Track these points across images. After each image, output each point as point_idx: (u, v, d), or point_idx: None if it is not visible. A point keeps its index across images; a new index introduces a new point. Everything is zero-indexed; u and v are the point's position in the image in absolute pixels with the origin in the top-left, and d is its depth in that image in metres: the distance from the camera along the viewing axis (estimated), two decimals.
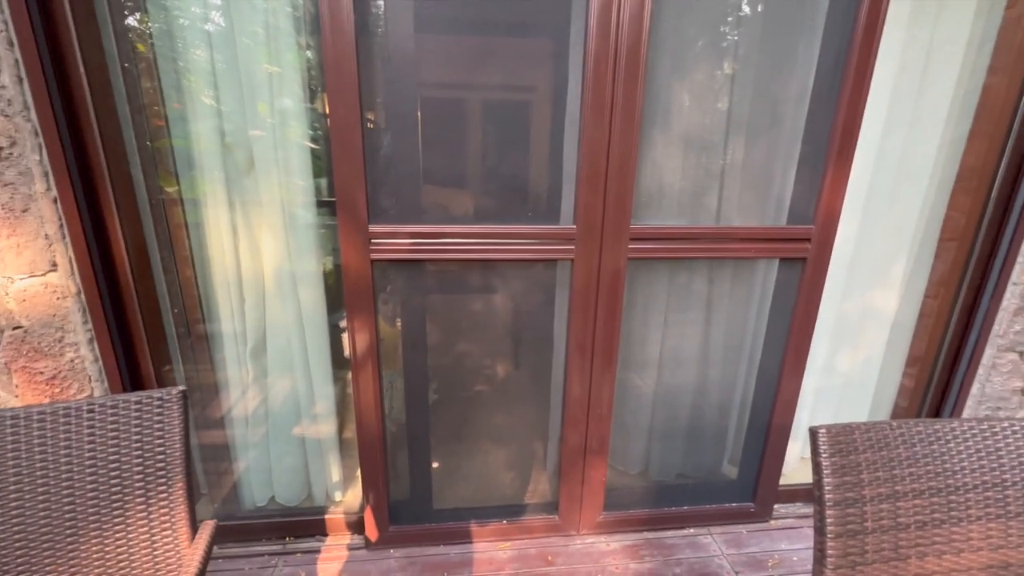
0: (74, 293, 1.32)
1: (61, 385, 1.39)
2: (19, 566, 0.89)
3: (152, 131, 1.44)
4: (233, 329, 1.60)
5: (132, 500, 0.94)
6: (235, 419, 1.71)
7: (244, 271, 1.56)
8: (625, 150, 1.36)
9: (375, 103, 1.37)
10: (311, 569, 1.61)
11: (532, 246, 1.46)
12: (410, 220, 1.43)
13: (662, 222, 1.53)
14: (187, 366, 1.64)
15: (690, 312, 1.74)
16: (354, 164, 1.32)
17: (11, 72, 1.15)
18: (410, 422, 1.68)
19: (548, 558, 1.67)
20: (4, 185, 1.22)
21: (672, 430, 1.86)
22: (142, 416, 0.95)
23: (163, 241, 1.50)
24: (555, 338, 1.67)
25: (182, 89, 1.41)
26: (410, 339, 1.58)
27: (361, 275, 1.42)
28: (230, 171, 1.47)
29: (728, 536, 1.77)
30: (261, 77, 1.39)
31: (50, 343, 1.35)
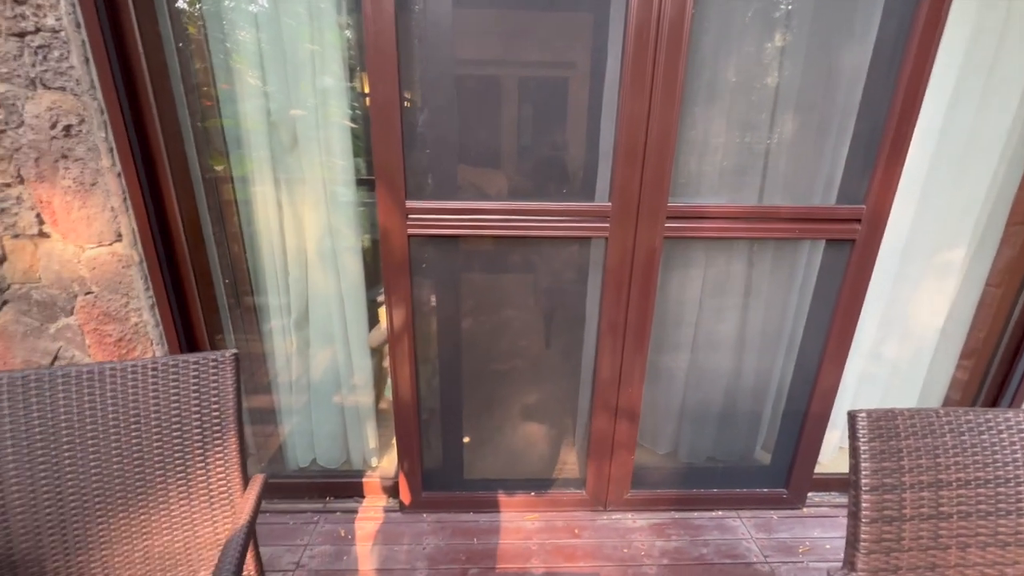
0: (137, 262, 1.42)
1: (127, 347, 1.51)
2: (96, 507, 0.99)
3: (203, 110, 1.51)
4: (278, 301, 1.69)
5: (191, 451, 1.02)
6: (280, 386, 1.81)
7: (288, 246, 1.63)
8: (665, 125, 1.33)
9: (414, 79, 1.38)
10: (349, 527, 1.71)
11: (566, 223, 1.45)
12: (446, 196, 1.45)
13: (701, 200, 1.49)
14: (236, 335, 1.75)
15: (727, 294, 1.70)
16: (392, 140, 1.34)
17: (79, 53, 1.23)
18: (443, 394, 1.73)
19: (575, 531, 1.70)
20: (75, 160, 1.32)
21: (704, 413, 1.84)
22: (200, 376, 1.03)
23: (214, 216, 1.58)
24: (587, 317, 1.68)
25: (230, 70, 1.46)
26: (445, 313, 1.62)
27: (399, 250, 1.45)
28: (275, 150, 1.53)
29: (758, 520, 1.75)
30: (304, 57, 1.43)
31: (117, 308, 1.46)
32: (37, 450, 0.96)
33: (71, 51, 1.23)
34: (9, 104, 1.26)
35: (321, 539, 1.65)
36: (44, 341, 1.51)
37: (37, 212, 1.37)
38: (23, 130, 1.29)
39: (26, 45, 1.22)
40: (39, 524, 0.96)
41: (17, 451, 0.95)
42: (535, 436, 1.98)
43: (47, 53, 1.23)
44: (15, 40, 1.21)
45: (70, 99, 1.27)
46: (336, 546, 1.63)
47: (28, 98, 1.26)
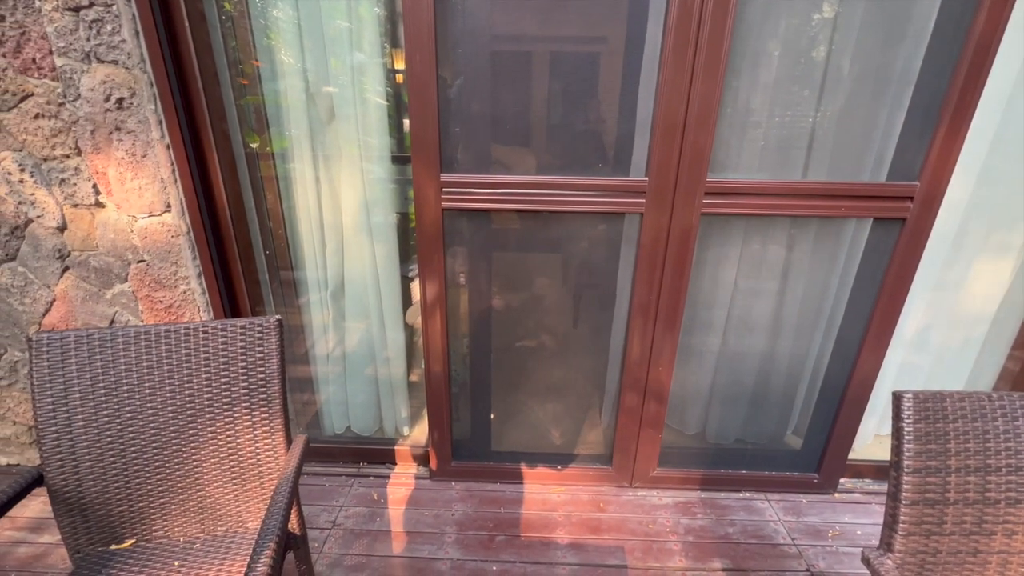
0: (184, 232, 1.48)
1: (176, 313, 1.59)
2: (154, 458, 1.07)
3: (243, 86, 1.54)
4: (316, 274, 1.74)
5: (239, 408, 1.08)
6: (317, 356, 1.87)
7: (326, 220, 1.67)
8: (707, 97, 1.29)
9: (449, 52, 1.37)
10: (382, 491, 1.78)
11: (600, 199, 1.43)
12: (480, 170, 1.45)
13: (742, 176, 1.44)
14: (276, 306, 1.81)
15: (764, 273, 1.65)
16: (429, 114, 1.35)
17: (129, 27, 1.27)
18: (473, 367, 1.76)
19: (600, 505, 1.73)
20: (127, 132, 1.37)
21: (734, 395, 1.82)
22: (246, 338, 1.08)
23: (255, 190, 1.63)
24: (618, 294, 1.67)
25: (270, 47, 1.49)
26: (476, 288, 1.64)
27: (433, 223, 1.47)
28: (313, 126, 1.55)
29: (786, 504, 1.74)
30: (341, 34, 1.44)
31: (167, 276, 1.54)
32: (101, 403, 1.03)
33: (122, 25, 1.27)
34: (67, 78, 1.32)
35: (355, 501, 1.73)
36: (101, 306, 1.60)
37: (94, 183, 1.44)
38: (80, 103, 1.35)
39: (81, 19, 1.27)
40: (104, 471, 1.04)
41: (84, 404, 1.02)
42: (562, 411, 2.00)
43: (100, 27, 1.27)
44: (71, 15, 1.26)
45: (122, 72, 1.31)
46: (369, 508, 1.70)
47: (84, 72, 1.32)
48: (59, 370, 1.00)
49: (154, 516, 1.08)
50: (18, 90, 1.34)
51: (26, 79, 1.33)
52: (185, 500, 1.09)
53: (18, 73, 1.33)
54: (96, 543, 1.05)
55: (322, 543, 1.55)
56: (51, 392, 1.00)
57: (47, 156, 1.41)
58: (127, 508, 1.06)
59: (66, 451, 1.01)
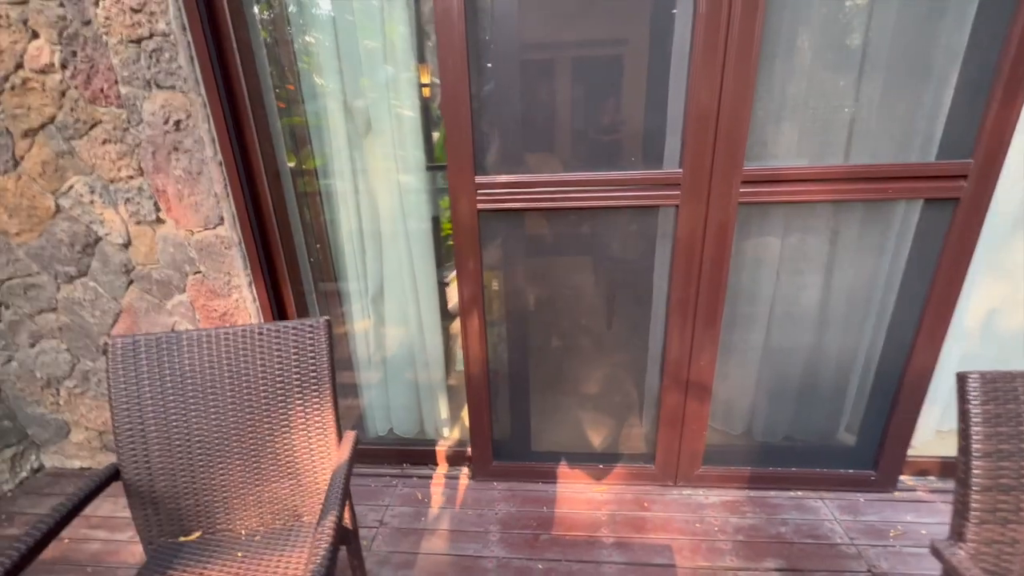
0: (236, 243, 1.57)
1: (230, 320, 1.68)
2: (217, 454, 1.13)
3: (288, 105, 1.63)
4: (357, 281, 1.80)
5: (293, 405, 1.13)
6: (359, 360, 1.93)
7: (365, 230, 1.73)
8: (740, 83, 1.27)
9: (480, 57, 1.41)
10: (425, 491, 1.81)
11: (633, 193, 1.43)
12: (514, 170, 1.47)
13: (780, 163, 1.41)
14: (320, 311, 1.89)
15: (807, 263, 1.60)
16: (462, 117, 1.38)
17: (185, 54, 1.37)
18: (512, 367, 1.78)
19: (644, 504, 1.70)
20: (184, 152, 1.47)
21: (781, 391, 1.76)
22: (298, 339, 1.13)
23: (299, 203, 1.71)
24: (654, 290, 1.65)
25: (311, 69, 1.57)
26: (512, 287, 1.66)
27: (468, 225, 1.50)
28: (352, 141, 1.62)
29: (842, 502, 1.66)
30: (376, 54, 1.50)
31: (220, 285, 1.63)
32: (170, 402, 1.10)
33: (179, 52, 1.37)
34: (131, 104, 1.43)
35: (400, 501, 1.77)
36: (162, 316, 1.71)
37: (155, 200, 1.55)
38: (142, 127, 1.46)
39: (142, 50, 1.37)
40: (173, 467, 1.11)
41: (155, 403, 1.09)
42: (602, 410, 1.99)
43: (159, 56, 1.38)
44: (134, 46, 1.37)
45: (179, 96, 1.41)
46: (414, 508, 1.73)
47: (145, 98, 1.42)
48: (132, 372, 1.08)
49: (217, 510, 1.14)
50: (88, 119, 1.47)
51: (95, 108, 1.45)
52: (245, 495, 1.15)
53: (88, 103, 1.45)
54: (166, 535, 1.12)
55: (371, 541, 1.59)
56: (125, 392, 1.08)
57: (113, 178, 1.53)
58: (193, 502, 1.12)
59: (139, 447, 1.08)
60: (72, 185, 1.56)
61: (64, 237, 1.63)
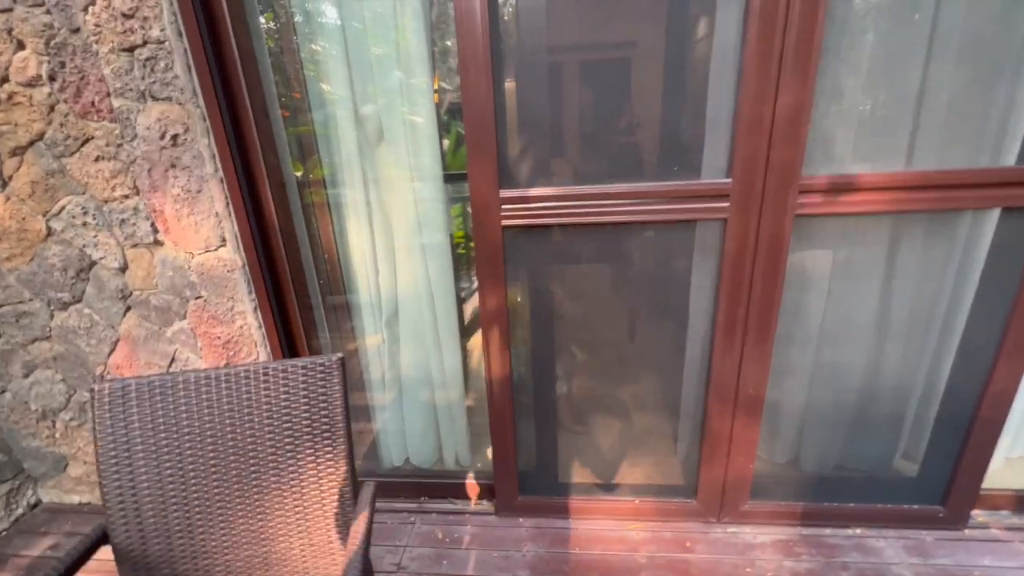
0: (240, 266, 1.45)
1: (234, 349, 1.56)
2: (218, 512, 1.00)
3: (293, 115, 1.51)
4: (369, 299, 1.67)
5: (303, 455, 1.00)
6: (373, 383, 1.80)
7: (378, 245, 1.60)
8: (799, 80, 1.13)
9: (505, 56, 1.28)
10: (446, 529, 1.67)
11: (675, 207, 1.29)
12: (542, 183, 1.34)
13: (839, 169, 1.27)
14: (331, 333, 1.76)
15: (862, 277, 1.45)
16: (485, 126, 1.25)
17: (181, 62, 1.25)
18: (537, 392, 1.64)
19: (686, 544, 1.55)
20: (182, 168, 1.36)
21: (832, 417, 1.61)
22: (308, 380, 1.00)
23: (307, 218, 1.59)
24: (691, 308, 1.51)
25: (318, 76, 1.45)
26: (539, 307, 1.52)
27: (492, 242, 1.37)
28: (363, 151, 1.50)
29: (908, 542, 1.50)
30: (389, 60, 1.38)
31: (223, 311, 1.51)
32: (164, 454, 0.97)
33: (175, 61, 1.25)
34: (124, 118, 1.32)
35: (419, 540, 1.63)
36: (162, 344, 1.59)
37: (152, 221, 1.43)
38: (137, 142, 1.34)
39: (136, 59, 1.26)
40: (168, 528, 0.98)
41: (147, 456, 0.97)
42: (635, 438, 1.84)
43: (154, 65, 1.26)
44: (126, 55, 1.26)
45: (176, 108, 1.30)
46: (435, 549, 1.59)
47: (140, 111, 1.31)
48: (121, 421, 0.95)
49: (218, 574, 1.01)
50: (79, 134, 1.35)
51: (87, 123, 1.34)
52: (250, 556, 1.02)
53: (79, 117, 1.34)
54: None
55: None
56: (113, 444, 0.95)
57: (107, 198, 1.42)
58: (192, 567, 0.99)
59: (130, 507, 0.96)
60: (64, 206, 1.45)
61: (56, 262, 1.52)
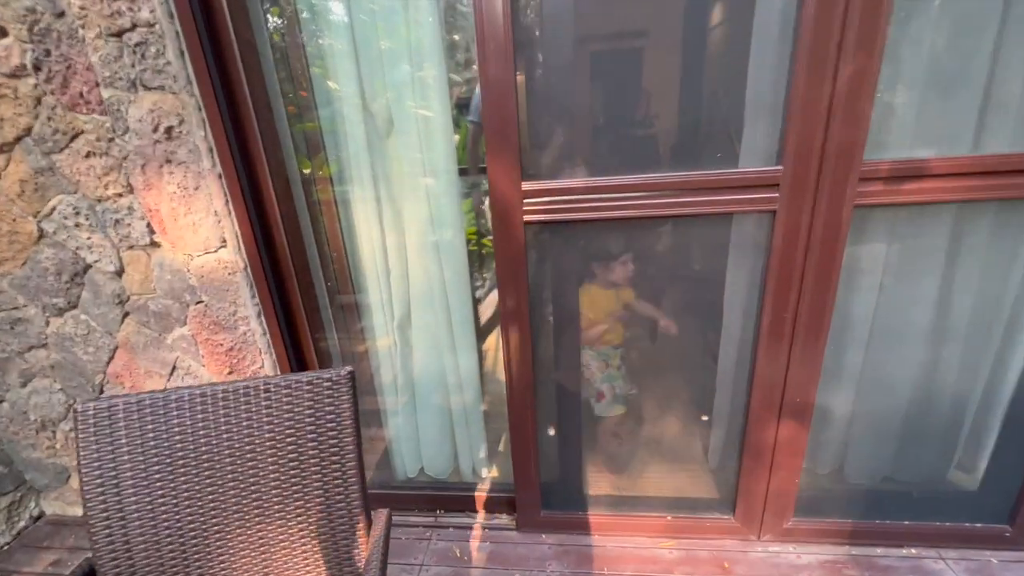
0: (242, 268, 1.35)
1: (237, 356, 1.46)
2: (216, 543, 0.90)
3: (298, 107, 1.40)
4: (380, 301, 1.57)
5: (311, 481, 0.90)
6: (385, 390, 1.70)
7: (389, 243, 1.50)
8: (864, 53, 1.00)
9: (527, 36, 1.16)
10: (464, 546, 1.57)
11: (715, 198, 1.16)
12: (568, 175, 1.22)
13: (905, 153, 1.13)
14: (340, 338, 1.66)
15: (918, 272, 1.32)
16: (506, 113, 1.14)
17: (174, 46, 1.15)
18: (561, 399, 1.53)
19: (724, 564, 1.44)
20: (178, 164, 1.26)
21: (878, 423, 1.48)
22: (314, 396, 0.90)
23: (313, 216, 1.49)
24: (726, 306, 1.39)
25: (324, 65, 1.34)
26: (563, 310, 1.41)
27: (514, 239, 1.26)
28: (372, 144, 1.39)
29: (971, 564, 1.37)
30: (400, 47, 1.27)
31: (226, 316, 1.41)
32: (155, 481, 0.87)
33: (166, 45, 1.15)
34: (114, 110, 1.22)
35: (435, 559, 1.53)
36: (163, 351, 1.50)
37: (147, 221, 1.33)
38: (128, 136, 1.24)
39: (125, 44, 1.16)
40: (163, 563, 0.88)
41: (136, 483, 0.87)
42: (667, 447, 1.73)
43: (145, 50, 1.16)
44: (115, 40, 1.16)
45: (169, 98, 1.20)
46: (452, 567, 1.49)
47: (131, 101, 1.21)
48: (107, 444, 0.86)
49: None
50: (68, 128, 1.26)
51: (75, 116, 1.24)
52: None
53: (67, 110, 1.24)
54: None
55: None
56: (100, 470, 0.85)
57: (100, 196, 1.32)
58: None
59: (118, 540, 0.86)
60: (55, 206, 1.36)
61: (50, 265, 1.43)
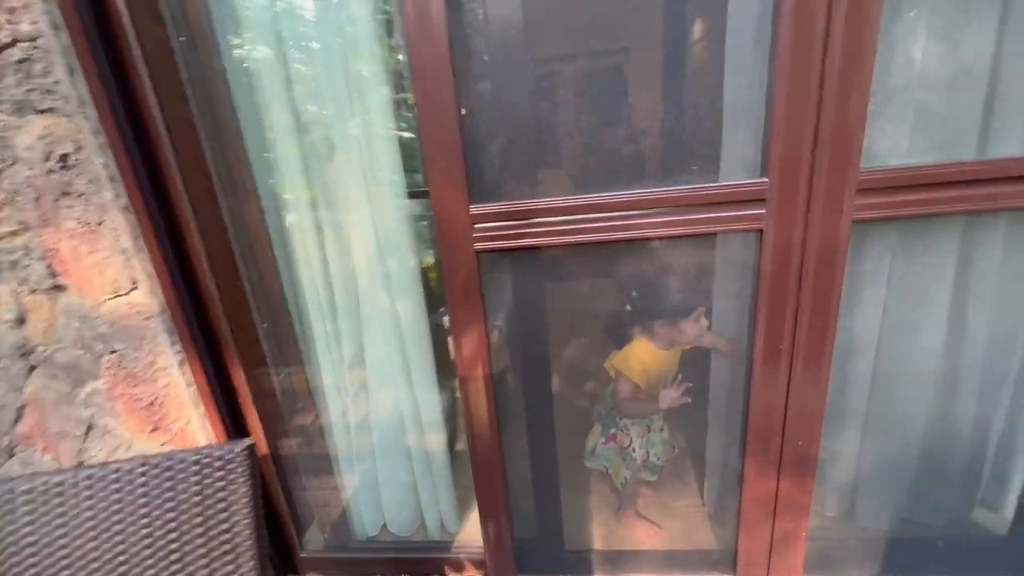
0: (158, 312, 1.17)
1: (159, 412, 1.28)
2: None
3: (221, 125, 1.25)
4: (327, 338, 1.40)
5: None
6: (337, 439, 1.52)
7: (334, 276, 1.34)
8: (855, 44, 0.86)
9: (468, 40, 1.03)
10: None
11: (692, 217, 1.01)
12: (523, 195, 1.07)
13: (903, 160, 1.00)
14: (283, 384, 1.48)
15: (926, 289, 1.18)
16: (447, 125, 0.98)
17: (63, 62, 0.99)
18: (533, 442, 1.35)
19: None
20: (77, 196, 1.09)
21: (890, 458, 1.33)
22: (203, 477, 0.72)
23: (244, 248, 1.32)
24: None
25: (251, 74, 1.19)
26: (530, 343, 1.24)
27: (465, 270, 1.09)
28: (311, 165, 1.24)
29: None
30: (336, 56, 1.13)
31: (143, 367, 1.23)
32: None
33: (54, 61, 0.99)
34: (0, 138, 1.06)
35: None
36: (76, 408, 1.31)
37: (47, 262, 1.16)
38: (18, 167, 1.08)
39: (6, 62, 1.00)
40: None
41: None
42: (651, 495, 1.55)
43: (30, 68, 1.00)
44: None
45: (62, 122, 1.04)
46: None
47: (18, 128, 1.05)
48: None
49: None
50: None
51: None
52: None
53: None
54: None
55: None
56: None
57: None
58: None
59: None
60: None
61: None
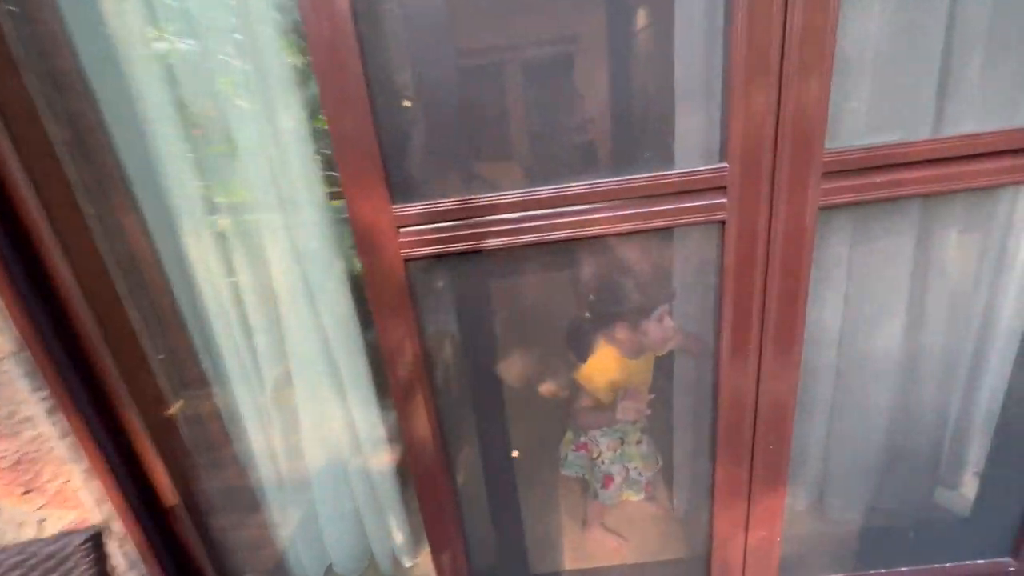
0: (13, 353, 0.95)
1: (32, 470, 1.05)
2: None
3: (84, 119, 1.03)
4: (243, 363, 1.21)
5: None
6: (263, 474, 1.34)
7: (245, 293, 1.15)
8: (818, 14, 0.77)
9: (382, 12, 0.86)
10: None
11: (650, 209, 0.90)
12: (456, 193, 0.92)
13: (864, 140, 0.92)
14: (190, 416, 1.28)
15: (886, 277, 1.14)
16: (357, 109, 0.82)
17: None
18: (486, 462, 1.22)
19: None
20: None
21: (855, 445, 1.30)
22: None
23: (126, 268, 1.10)
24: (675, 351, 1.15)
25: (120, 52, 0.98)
26: (474, 351, 1.10)
27: (390, 278, 0.93)
28: (206, 166, 1.05)
29: None
30: (225, 25, 0.93)
31: (3, 419, 1.00)
32: None
33: None
34: None
35: None
36: None
37: None
38: None
39: None
40: None
41: None
42: (618, 507, 1.46)
43: None
44: None
45: None
46: None
47: None
48: None
49: None
50: None
51: None
52: None
53: None
54: None
55: None
56: None
57: None
58: None
59: None
60: None
61: None
